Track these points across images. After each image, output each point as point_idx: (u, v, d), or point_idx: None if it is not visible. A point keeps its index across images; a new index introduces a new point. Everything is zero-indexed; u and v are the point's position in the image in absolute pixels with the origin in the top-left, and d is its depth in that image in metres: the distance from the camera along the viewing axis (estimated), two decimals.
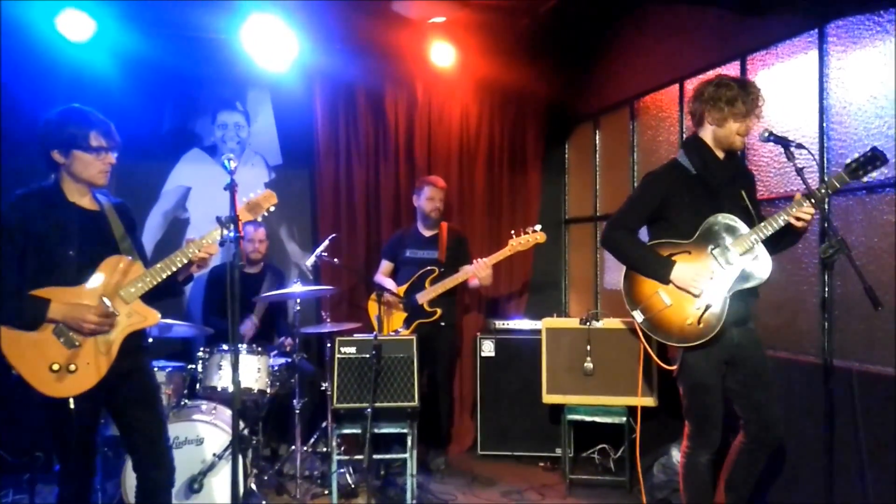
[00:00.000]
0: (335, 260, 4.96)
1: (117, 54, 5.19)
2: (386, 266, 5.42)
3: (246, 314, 5.06)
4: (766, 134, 3.19)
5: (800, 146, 3.14)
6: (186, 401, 4.41)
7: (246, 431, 4.35)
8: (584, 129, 6.33)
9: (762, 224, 3.22)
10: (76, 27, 4.86)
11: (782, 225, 3.19)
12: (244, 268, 5.21)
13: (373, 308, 5.04)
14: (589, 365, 4.74)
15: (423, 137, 6.03)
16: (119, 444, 4.13)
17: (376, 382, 4.25)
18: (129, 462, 3.77)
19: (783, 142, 3.15)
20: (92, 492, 3.21)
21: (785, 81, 4.08)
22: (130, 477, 3.45)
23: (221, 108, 5.91)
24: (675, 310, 3.33)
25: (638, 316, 3.41)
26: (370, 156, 5.96)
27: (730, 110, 3.27)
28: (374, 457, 4.35)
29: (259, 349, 4.55)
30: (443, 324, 5.16)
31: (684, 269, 3.30)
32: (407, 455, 4.34)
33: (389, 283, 5.22)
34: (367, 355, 4.28)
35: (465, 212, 6.12)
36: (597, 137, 6.10)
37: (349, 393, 4.28)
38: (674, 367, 3.41)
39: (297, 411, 4.66)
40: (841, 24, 3.74)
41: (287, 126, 6.01)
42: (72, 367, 2.90)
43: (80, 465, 3.05)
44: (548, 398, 4.85)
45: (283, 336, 5.15)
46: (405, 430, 4.31)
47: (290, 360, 4.76)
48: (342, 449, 4.54)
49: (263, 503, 4.44)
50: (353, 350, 4.34)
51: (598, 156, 6.08)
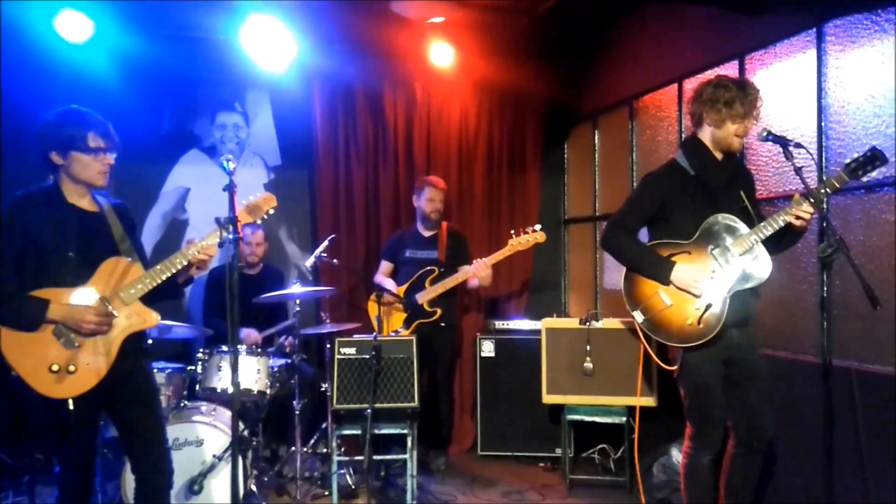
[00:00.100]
0: (334, 260, 4.95)
1: (116, 55, 5.18)
2: (385, 266, 5.42)
3: (249, 319, 5.04)
4: (765, 133, 3.19)
5: (798, 145, 3.14)
6: (186, 402, 4.40)
7: (246, 433, 4.35)
8: (583, 129, 6.33)
9: (762, 224, 3.22)
10: (74, 28, 4.84)
11: (782, 225, 3.19)
12: (243, 269, 5.21)
13: (372, 308, 5.04)
14: (589, 365, 4.74)
15: (422, 137, 6.03)
16: (119, 446, 4.13)
17: (376, 383, 4.25)
18: (129, 464, 3.75)
19: (782, 141, 3.15)
20: (92, 493, 3.20)
21: (783, 81, 4.08)
22: (130, 479, 3.44)
23: (220, 109, 5.90)
24: (676, 310, 3.33)
25: (638, 316, 3.41)
26: (369, 156, 5.96)
27: (728, 112, 3.27)
28: (375, 457, 4.35)
29: (259, 350, 4.55)
30: (443, 324, 5.16)
31: (684, 269, 3.30)
32: (407, 456, 4.34)
33: (389, 284, 5.22)
34: (367, 356, 4.28)
35: (465, 212, 6.12)
36: (596, 137, 6.10)
37: (349, 394, 4.28)
38: (674, 368, 3.41)
39: (297, 412, 4.65)
40: (839, 23, 3.75)
41: (286, 127, 6.01)
42: (71, 368, 2.89)
43: (79, 466, 3.05)
44: (548, 398, 4.86)
45: (284, 336, 5.14)
46: (405, 431, 4.31)
47: (289, 361, 4.76)
48: (342, 450, 4.54)
49: None
50: (352, 351, 4.34)
51: (597, 155, 6.08)
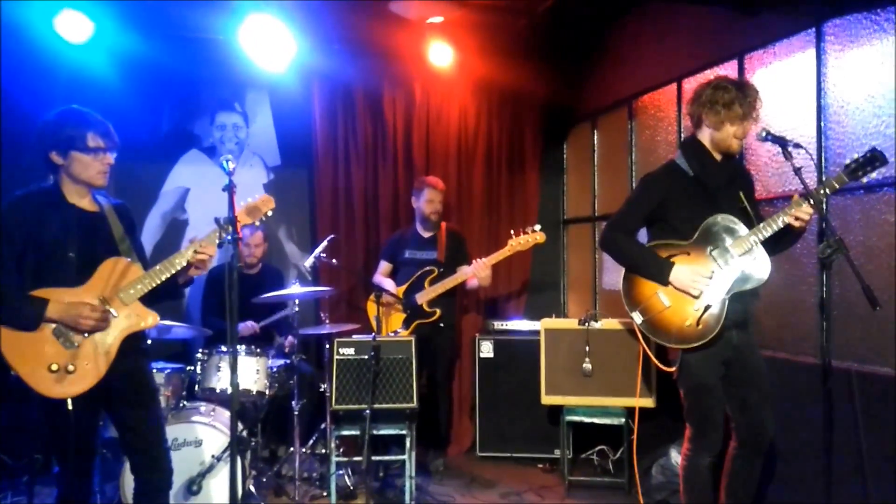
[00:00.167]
0: (333, 261, 4.95)
1: (116, 55, 5.18)
2: (385, 267, 5.41)
3: (247, 318, 5.05)
4: (764, 133, 3.18)
5: (797, 146, 3.13)
6: (185, 402, 4.40)
7: (245, 433, 4.35)
8: (582, 129, 6.32)
9: (761, 225, 3.22)
10: (74, 28, 4.84)
11: (781, 226, 3.18)
12: (242, 269, 5.21)
13: (372, 309, 5.03)
14: (588, 366, 4.74)
15: (421, 137, 6.03)
16: (118, 446, 4.13)
17: (375, 384, 4.25)
18: (128, 464, 3.75)
19: (781, 141, 3.14)
20: (91, 494, 3.19)
21: (782, 80, 4.08)
22: (129, 479, 3.44)
23: (220, 109, 5.91)
24: (675, 311, 3.32)
25: (637, 317, 3.40)
26: (368, 156, 5.96)
27: (726, 114, 3.26)
28: (373, 458, 4.35)
29: (258, 350, 4.55)
30: (442, 324, 5.16)
31: (683, 270, 3.30)
32: (406, 456, 4.34)
33: (388, 284, 5.22)
34: (366, 356, 4.28)
35: (464, 212, 6.12)
36: (595, 137, 6.09)
37: (348, 394, 4.28)
38: (673, 369, 3.40)
39: (296, 413, 4.65)
40: (838, 22, 3.74)
41: (285, 127, 6.01)
42: (70, 368, 2.89)
43: (78, 466, 3.04)
44: (546, 399, 4.85)
45: (285, 335, 5.14)
46: (404, 432, 4.31)
47: (288, 361, 4.76)
48: (341, 450, 4.53)
49: None
50: (351, 351, 4.34)
51: (596, 156, 6.08)
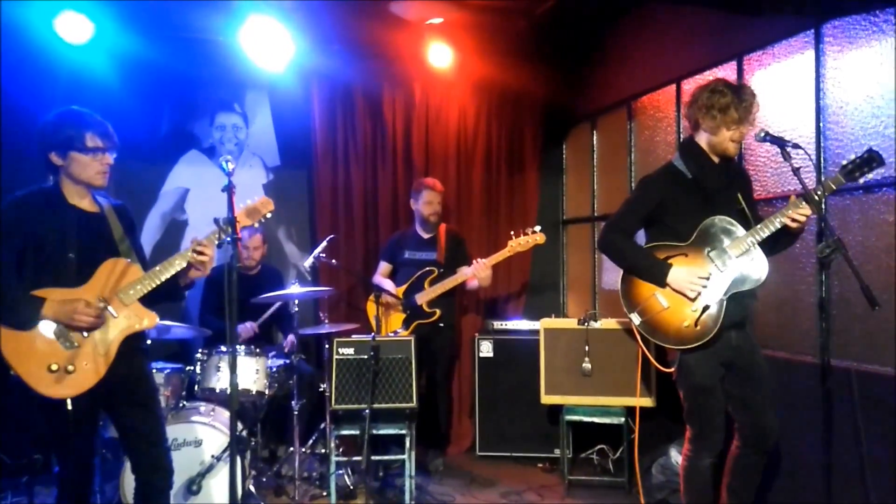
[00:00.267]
0: (333, 261, 4.96)
1: (116, 56, 5.19)
2: (384, 268, 5.42)
3: (246, 319, 5.05)
4: (763, 134, 3.18)
5: (796, 146, 3.13)
6: (185, 402, 4.41)
7: (244, 433, 4.35)
8: (581, 130, 6.33)
9: (759, 226, 3.22)
10: (74, 29, 4.85)
11: (778, 227, 3.19)
12: (241, 270, 5.21)
13: (371, 309, 5.04)
14: (587, 365, 4.74)
15: (420, 138, 6.04)
16: (118, 447, 4.13)
17: (375, 383, 4.25)
18: (128, 464, 3.76)
19: (779, 142, 3.14)
20: (91, 494, 3.20)
21: (781, 82, 4.08)
22: (129, 479, 3.45)
23: (219, 110, 5.91)
24: (673, 312, 3.33)
25: (636, 318, 3.41)
26: (368, 156, 5.97)
27: (722, 118, 3.26)
28: (373, 458, 4.35)
29: (257, 350, 4.56)
30: (441, 325, 5.16)
31: (681, 271, 3.30)
32: (405, 456, 4.34)
33: (388, 284, 5.22)
34: (366, 356, 4.28)
35: (463, 212, 6.12)
36: (594, 138, 6.10)
37: (347, 394, 4.29)
38: (672, 370, 3.41)
39: (296, 412, 4.65)
40: (837, 24, 3.75)
41: (285, 127, 6.01)
42: (70, 368, 2.89)
43: (78, 466, 3.05)
44: (546, 399, 4.85)
45: (287, 334, 5.14)
46: (403, 431, 4.32)
47: (288, 361, 4.77)
48: (340, 450, 4.53)
49: None
50: (351, 351, 4.34)
51: (595, 156, 6.08)
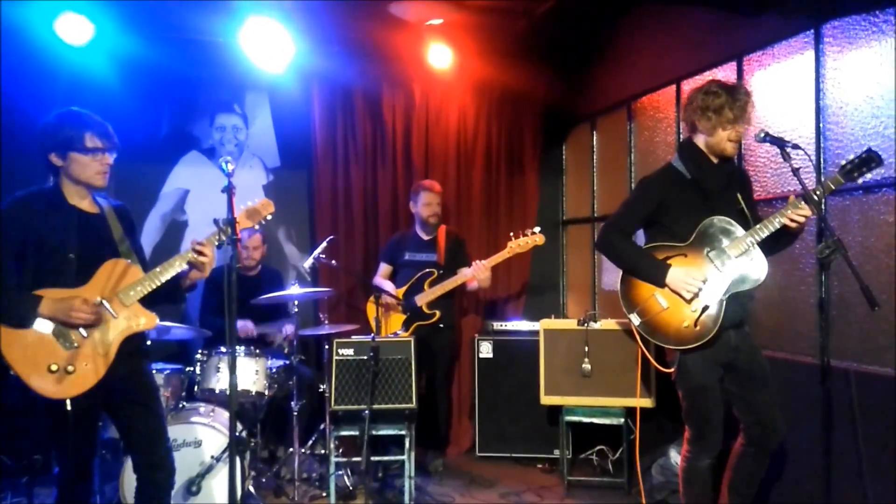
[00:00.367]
0: (333, 262, 4.96)
1: (116, 58, 5.19)
2: (385, 269, 5.41)
3: (245, 318, 5.06)
4: (762, 135, 3.18)
5: (796, 147, 3.14)
6: (185, 403, 4.41)
7: (244, 434, 4.35)
8: (581, 131, 6.33)
9: (758, 226, 3.22)
10: (75, 31, 4.85)
11: (778, 227, 3.19)
12: (241, 271, 5.22)
13: (371, 310, 5.04)
14: (587, 366, 4.74)
15: (420, 139, 6.03)
16: (117, 447, 4.14)
17: (374, 384, 4.26)
18: (128, 464, 3.77)
19: (779, 142, 3.14)
20: (90, 494, 3.20)
21: (781, 82, 4.09)
22: (128, 479, 3.45)
23: (219, 111, 5.91)
24: (672, 312, 3.33)
25: (635, 319, 3.41)
26: (368, 157, 5.97)
27: (717, 119, 3.26)
28: (372, 459, 4.35)
29: (257, 351, 4.56)
30: (441, 326, 5.16)
31: (679, 272, 3.30)
32: (405, 457, 4.35)
33: (388, 286, 5.22)
34: (365, 357, 4.29)
35: (463, 213, 6.12)
36: (594, 138, 6.10)
37: (347, 395, 4.29)
38: (671, 370, 3.41)
39: (295, 413, 4.65)
40: (837, 24, 3.75)
41: (285, 128, 6.01)
42: (70, 369, 2.89)
43: (78, 467, 3.04)
44: (546, 399, 4.85)
45: (281, 326, 5.15)
46: (403, 432, 4.32)
47: (287, 362, 4.77)
48: (340, 451, 4.54)
49: None
50: (350, 352, 4.35)
51: (595, 157, 6.08)
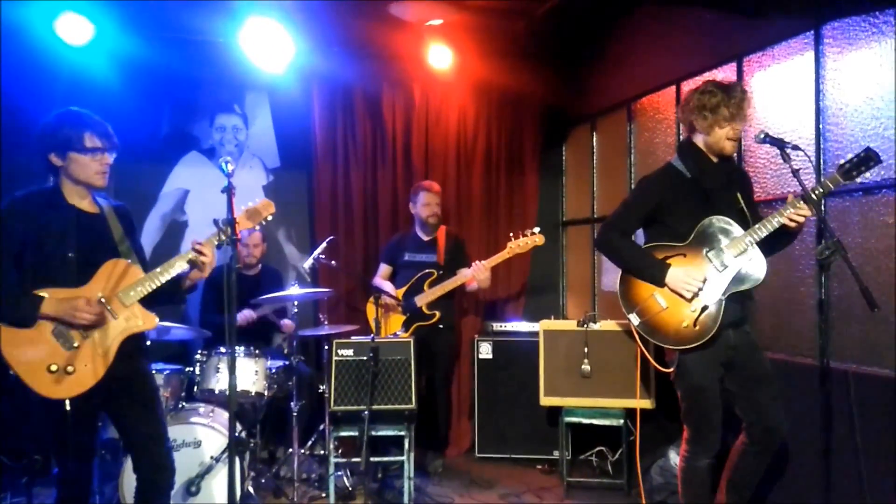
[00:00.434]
0: (333, 262, 4.95)
1: (116, 58, 5.19)
2: (384, 270, 5.41)
3: (247, 325, 5.06)
4: (762, 136, 3.19)
5: (796, 148, 3.14)
6: (184, 403, 4.41)
7: (243, 434, 4.34)
8: (581, 131, 6.33)
9: (756, 226, 3.23)
10: (75, 31, 4.86)
11: (776, 227, 3.20)
12: (241, 270, 5.22)
13: (371, 311, 5.02)
14: (586, 367, 4.74)
15: (420, 140, 6.03)
16: (117, 447, 4.14)
17: (374, 385, 4.25)
18: (127, 464, 3.77)
19: (779, 143, 3.15)
20: (90, 494, 3.20)
21: (781, 83, 4.09)
22: (128, 480, 3.45)
23: (219, 111, 5.91)
24: (672, 312, 3.33)
25: (634, 319, 3.41)
26: (367, 158, 5.97)
27: (714, 118, 3.27)
28: (372, 459, 4.34)
29: (256, 352, 4.56)
30: (441, 326, 5.16)
31: (679, 271, 3.31)
32: (404, 457, 4.34)
33: (388, 286, 5.22)
34: (365, 358, 4.28)
35: (463, 214, 6.12)
36: (594, 139, 6.10)
37: (346, 395, 4.28)
38: (671, 370, 3.41)
39: (295, 414, 4.65)
40: (836, 25, 3.75)
41: (285, 128, 6.01)
42: (69, 369, 2.89)
43: (77, 467, 3.04)
44: (545, 400, 4.85)
45: (280, 319, 5.15)
46: (402, 433, 4.31)
47: (287, 362, 4.77)
48: (339, 451, 4.54)
49: None
50: (350, 352, 4.34)
51: (595, 158, 6.08)
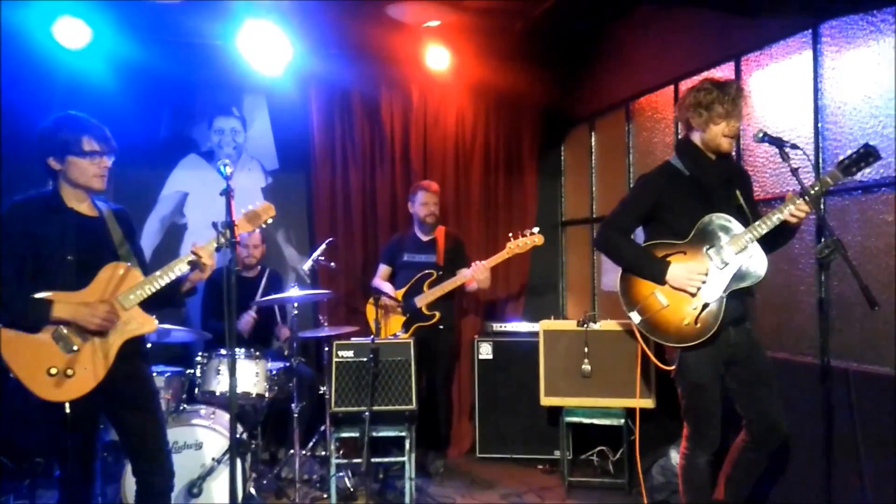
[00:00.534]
0: (332, 264, 4.96)
1: (113, 61, 5.19)
2: (384, 270, 5.42)
3: (243, 311, 5.07)
4: (761, 135, 3.19)
5: (794, 146, 3.14)
6: (185, 405, 4.42)
7: (245, 436, 4.35)
8: (579, 131, 6.33)
9: (756, 223, 3.23)
10: (72, 34, 4.86)
11: (776, 223, 3.20)
12: (241, 272, 5.23)
13: (371, 312, 5.02)
14: (587, 367, 4.74)
15: (418, 141, 6.03)
16: (119, 449, 4.14)
17: (374, 386, 4.25)
18: (129, 466, 3.76)
19: (777, 142, 3.15)
20: (92, 496, 3.21)
21: (779, 82, 4.09)
22: (130, 482, 3.45)
23: (218, 114, 5.92)
24: (672, 310, 3.33)
25: (635, 317, 3.41)
26: (366, 159, 5.97)
27: (709, 115, 3.28)
28: (373, 460, 4.35)
29: (257, 354, 4.56)
30: (441, 327, 5.17)
31: (679, 269, 3.31)
32: (405, 458, 4.34)
33: (387, 287, 5.22)
34: (365, 359, 4.28)
35: (462, 215, 6.12)
36: (592, 139, 6.10)
37: (347, 396, 4.28)
38: (672, 368, 3.42)
39: (296, 415, 4.64)
40: (834, 24, 3.75)
41: (283, 131, 6.02)
42: (69, 372, 2.90)
43: (79, 469, 3.05)
44: (546, 400, 4.85)
45: (282, 327, 5.15)
46: (403, 434, 4.31)
47: (288, 364, 4.77)
48: (341, 452, 4.54)
49: None
50: (350, 354, 4.34)
51: (593, 157, 6.09)
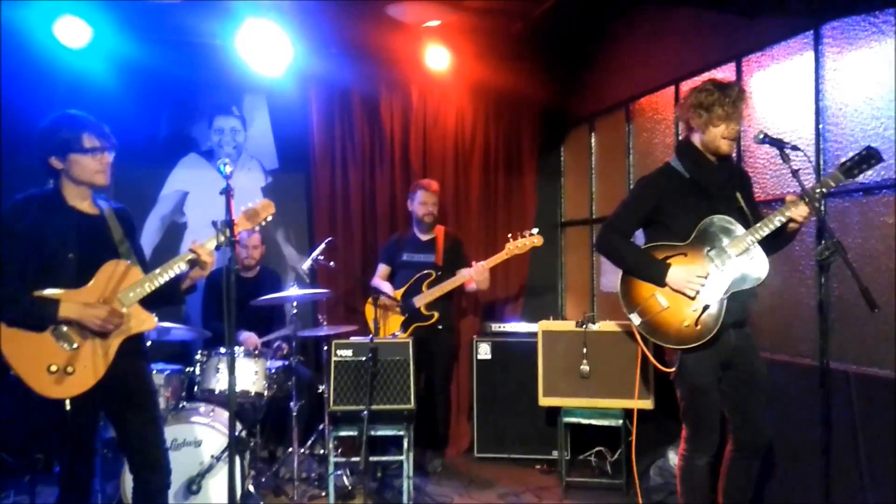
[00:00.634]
0: (331, 263, 4.96)
1: (114, 60, 5.19)
2: (383, 270, 5.42)
3: (247, 320, 5.03)
4: (761, 136, 3.19)
5: (795, 148, 3.14)
6: (185, 403, 4.42)
7: (244, 434, 4.35)
8: (579, 132, 6.34)
9: (758, 225, 3.23)
10: (73, 34, 4.86)
11: (778, 225, 3.20)
12: (240, 272, 5.22)
13: (370, 312, 5.03)
14: (585, 367, 4.74)
15: (418, 141, 6.04)
16: (118, 446, 4.14)
17: (373, 385, 4.26)
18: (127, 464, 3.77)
19: (778, 144, 3.14)
20: (92, 493, 3.21)
21: (781, 83, 4.09)
22: (129, 478, 3.44)
23: (218, 113, 5.91)
24: (673, 312, 3.33)
25: (635, 318, 3.41)
26: (366, 159, 5.97)
27: (708, 117, 3.27)
28: (371, 459, 4.34)
29: (256, 353, 4.56)
30: (440, 327, 5.17)
31: (679, 271, 3.31)
32: (403, 457, 4.35)
33: (386, 287, 5.22)
34: (364, 358, 4.29)
35: (461, 215, 6.12)
36: (592, 140, 6.11)
37: (346, 395, 4.29)
38: (671, 370, 3.41)
39: (295, 414, 4.65)
40: (836, 25, 3.76)
41: (283, 130, 6.02)
42: (69, 369, 2.91)
43: (79, 466, 3.07)
44: (544, 401, 4.85)
45: (279, 342, 5.14)
46: (402, 433, 4.32)
47: (287, 362, 4.77)
48: (339, 451, 4.54)
49: None
50: (349, 353, 4.35)
51: (593, 158, 6.09)
